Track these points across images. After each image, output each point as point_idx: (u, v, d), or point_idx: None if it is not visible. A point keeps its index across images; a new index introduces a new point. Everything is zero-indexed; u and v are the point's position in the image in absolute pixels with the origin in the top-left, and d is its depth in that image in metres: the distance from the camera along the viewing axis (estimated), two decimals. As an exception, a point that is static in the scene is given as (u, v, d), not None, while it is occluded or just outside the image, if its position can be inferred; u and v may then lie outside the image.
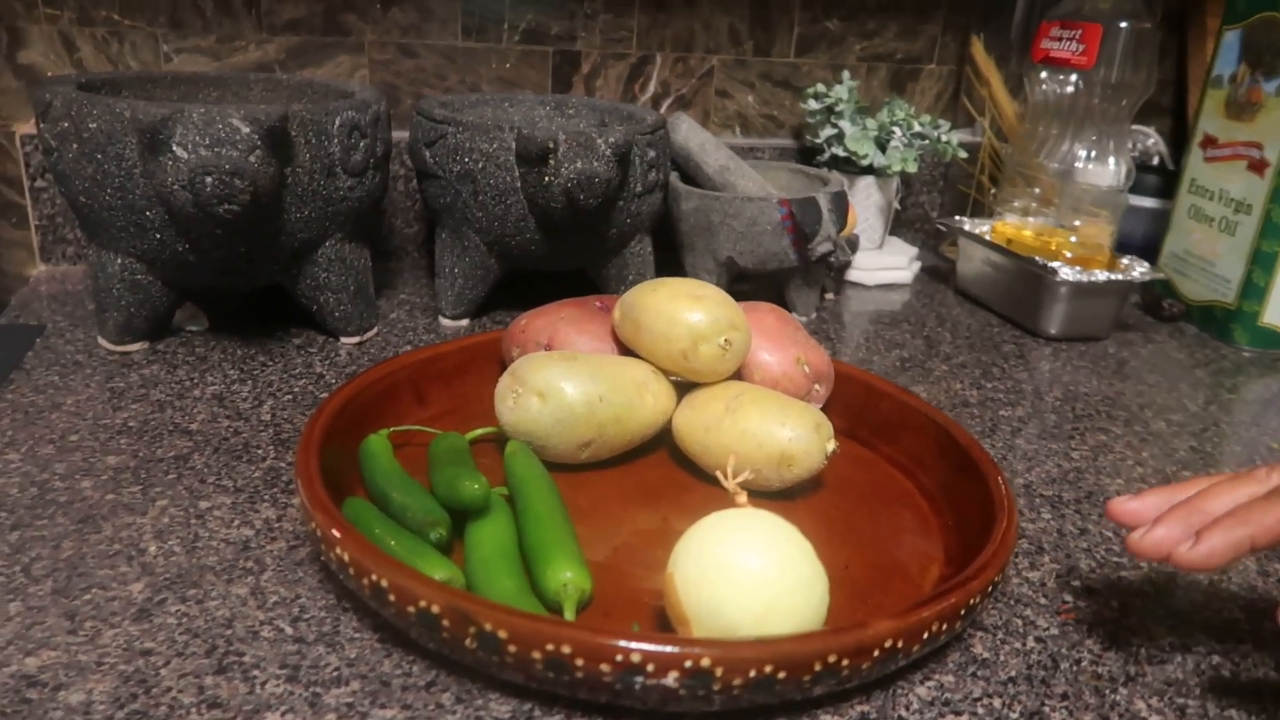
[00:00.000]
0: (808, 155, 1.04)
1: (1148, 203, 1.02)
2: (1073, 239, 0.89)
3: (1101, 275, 0.83)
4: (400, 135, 0.89)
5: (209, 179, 0.58)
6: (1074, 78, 0.92)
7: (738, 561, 0.39)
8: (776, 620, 0.38)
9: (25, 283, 0.84)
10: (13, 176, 0.83)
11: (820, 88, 0.98)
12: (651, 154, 0.75)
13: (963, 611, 0.41)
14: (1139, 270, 0.85)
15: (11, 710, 0.37)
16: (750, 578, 0.38)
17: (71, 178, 0.63)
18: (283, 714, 0.38)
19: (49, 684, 0.38)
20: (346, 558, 0.40)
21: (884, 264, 0.98)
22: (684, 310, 0.54)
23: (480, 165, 0.71)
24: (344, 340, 0.74)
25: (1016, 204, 0.96)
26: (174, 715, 0.37)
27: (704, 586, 0.39)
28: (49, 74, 0.82)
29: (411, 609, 0.38)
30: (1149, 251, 0.98)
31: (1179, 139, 1.16)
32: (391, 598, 0.39)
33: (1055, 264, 0.83)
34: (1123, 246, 0.98)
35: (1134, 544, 0.41)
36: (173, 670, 0.40)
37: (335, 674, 0.40)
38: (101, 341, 0.70)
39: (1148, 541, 0.41)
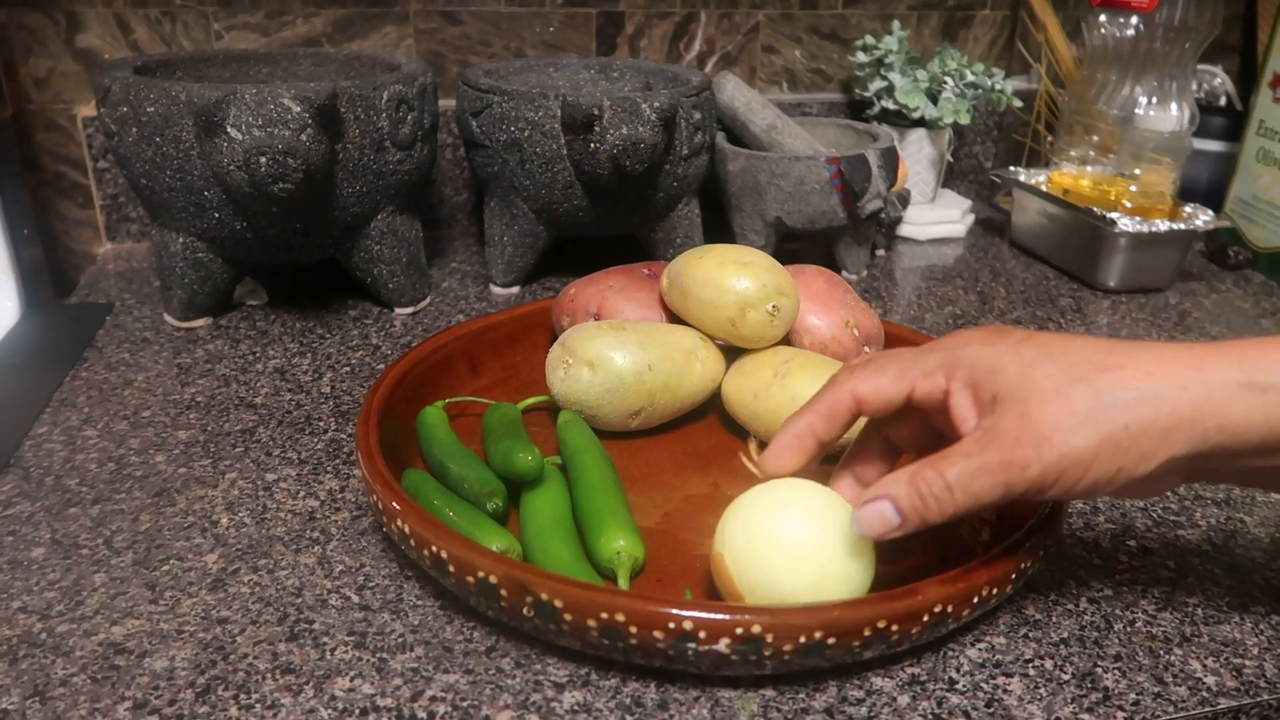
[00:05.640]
0: (857, 109, 1.03)
1: (1213, 146, 0.98)
2: (1133, 188, 0.86)
3: (1162, 225, 0.81)
4: (447, 104, 0.90)
5: (263, 159, 0.59)
6: (1135, 20, 0.89)
7: (787, 533, 0.39)
8: (831, 587, 0.39)
9: (93, 261, 0.86)
10: (76, 158, 0.86)
11: (869, 39, 0.96)
12: (697, 116, 0.75)
13: (1013, 575, 0.41)
14: (1202, 219, 0.83)
15: (101, 676, 0.39)
16: (802, 547, 0.39)
17: (132, 160, 0.65)
18: (352, 679, 0.39)
19: (134, 651, 0.41)
20: (407, 529, 0.42)
21: (936, 218, 0.96)
22: (731, 277, 0.55)
23: (526, 134, 0.71)
24: (398, 311, 0.75)
25: (1074, 153, 0.94)
26: (251, 680, 0.39)
27: (755, 562, 0.39)
28: (106, 56, 0.84)
29: (471, 579, 0.40)
30: (1214, 197, 0.95)
31: (1247, 78, 1.11)
32: (451, 568, 0.40)
33: (1114, 214, 0.81)
34: (1186, 192, 0.95)
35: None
36: (248, 637, 0.42)
37: (400, 640, 0.42)
38: (167, 318, 0.72)
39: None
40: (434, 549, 0.41)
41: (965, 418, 0.38)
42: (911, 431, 0.44)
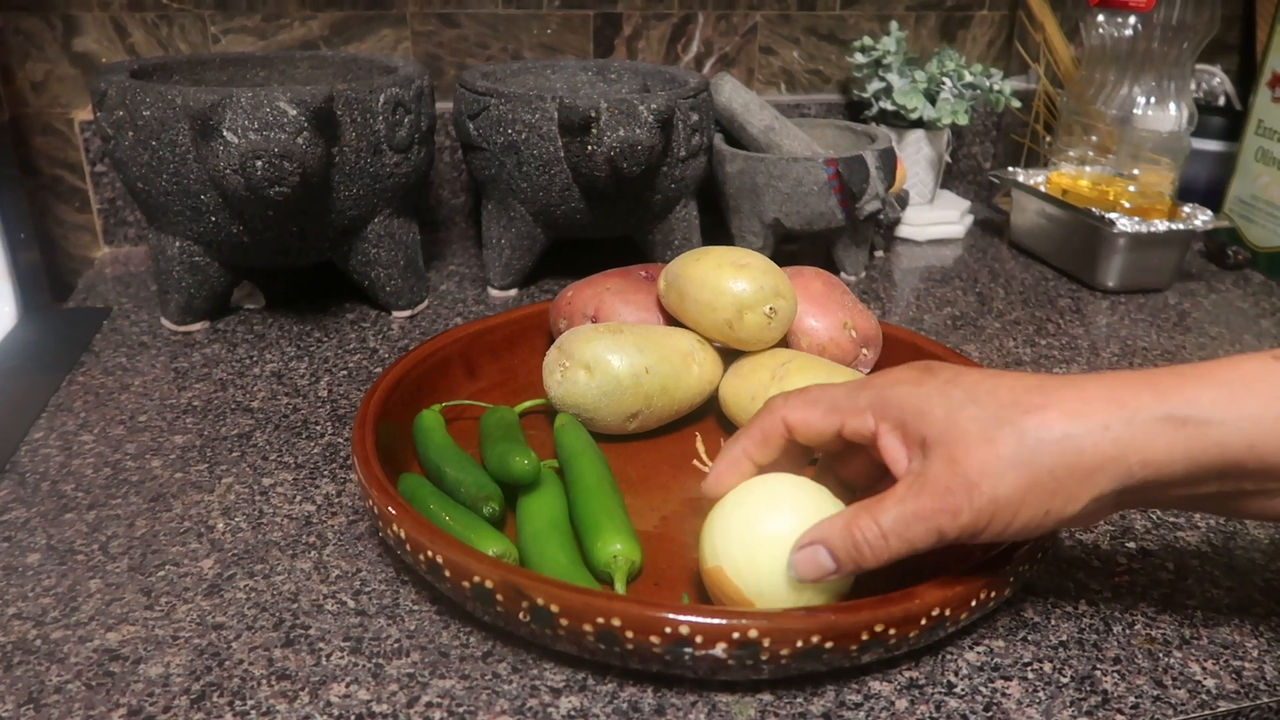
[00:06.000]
0: (855, 110, 1.03)
1: (1212, 146, 0.98)
2: (1131, 188, 0.86)
3: (1161, 225, 0.81)
4: (444, 106, 0.90)
5: (259, 162, 0.59)
6: (1133, 20, 0.89)
7: (781, 531, 0.39)
8: None
9: (90, 265, 0.86)
10: (74, 162, 0.86)
11: (867, 40, 0.96)
12: (695, 117, 0.74)
13: (1011, 578, 0.41)
14: (1201, 219, 0.82)
15: (96, 683, 0.39)
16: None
17: (129, 164, 0.65)
18: (348, 685, 0.39)
19: (129, 657, 0.40)
20: (403, 534, 0.42)
21: (935, 219, 0.96)
22: (728, 279, 0.54)
23: (524, 136, 0.71)
24: (395, 314, 0.75)
25: (1073, 153, 0.93)
26: (246, 687, 0.39)
27: (758, 568, 0.39)
28: (103, 60, 0.84)
29: (466, 584, 0.39)
30: (1213, 196, 0.95)
31: (1246, 78, 1.11)
32: (447, 573, 0.40)
33: (1112, 215, 0.81)
34: (1186, 192, 0.95)
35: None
36: (243, 643, 0.41)
37: (396, 645, 0.42)
38: (164, 322, 0.72)
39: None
40: (430, 554, 0.41)
41: (896, 458, 0.39)
42: (861, 469, 0.44)
